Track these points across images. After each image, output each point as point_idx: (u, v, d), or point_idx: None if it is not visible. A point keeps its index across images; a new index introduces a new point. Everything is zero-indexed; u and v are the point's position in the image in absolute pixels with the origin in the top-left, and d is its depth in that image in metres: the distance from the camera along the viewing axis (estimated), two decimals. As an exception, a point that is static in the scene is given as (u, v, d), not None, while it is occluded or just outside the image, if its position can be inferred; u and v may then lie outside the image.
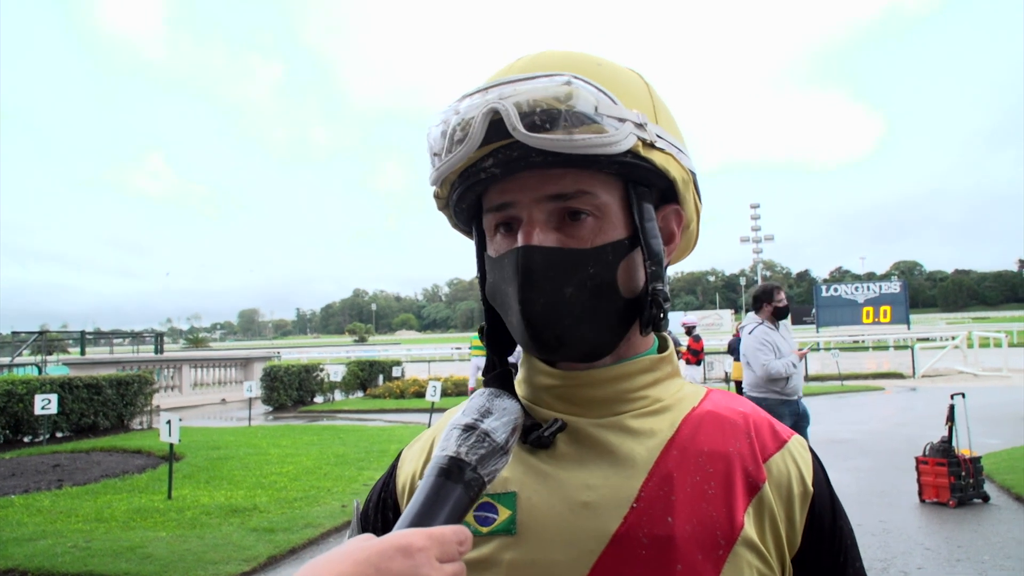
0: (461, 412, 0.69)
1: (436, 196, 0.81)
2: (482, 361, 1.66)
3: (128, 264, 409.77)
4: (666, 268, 0.80)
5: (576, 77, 0.68)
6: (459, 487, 0.62)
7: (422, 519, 0.60)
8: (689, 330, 14.00)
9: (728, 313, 80.00)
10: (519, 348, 0.84)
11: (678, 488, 0.72)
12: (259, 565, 5.27)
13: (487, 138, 0.69)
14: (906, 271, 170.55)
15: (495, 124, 0.68)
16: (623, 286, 0.74)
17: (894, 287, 39.91)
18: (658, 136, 0.73)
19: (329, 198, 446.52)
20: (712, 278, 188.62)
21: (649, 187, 0.75)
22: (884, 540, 5.59)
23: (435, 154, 0.75)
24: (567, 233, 0.72)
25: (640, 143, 0.71)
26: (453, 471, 0.63)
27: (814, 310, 44.47)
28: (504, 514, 0.73)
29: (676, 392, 0.81)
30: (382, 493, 0.87)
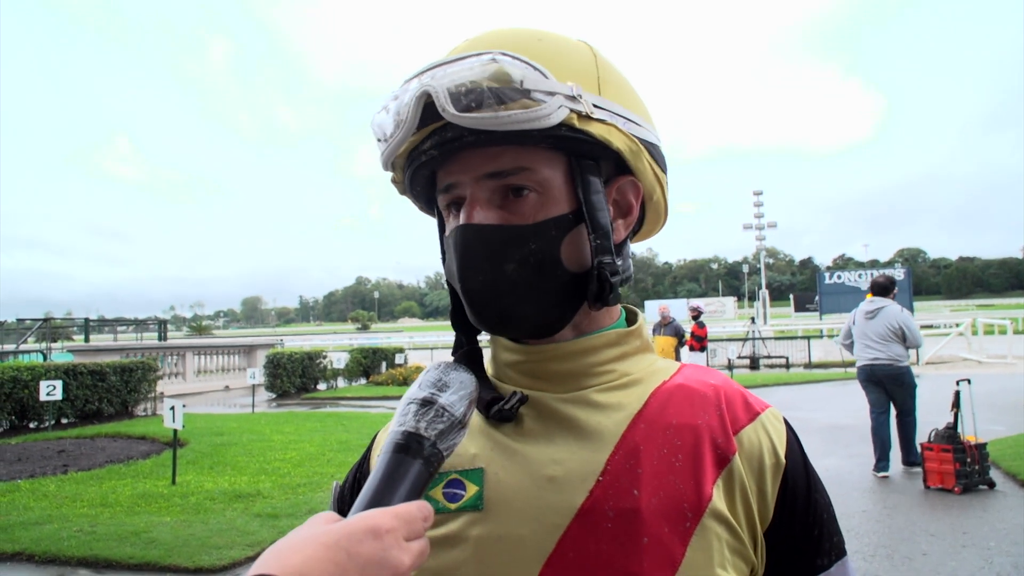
0: (416, 386, 0.69)
1: (394, 181, 0.82)
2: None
3: (115, 251, 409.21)
4: (626, 241, 0.81)
5: (504, 54, 0.68)
6: (418, 462, 0.62)
7: (382, 495, 0.59)
8: (696, 315, 13.95)
9: (731, 300, 79.88)
10: None
11: (644, 461, 0.71)
12: (263, 550, 5.26)
13: (424, 121, 0.70)
14: (910, 258, 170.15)
15: (429, 107, 0.69)
16: (569, 261, 0.73)
17: (898, 274, 39.79)
18: (596, 107, 0.72)
19: (311, 183, 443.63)
20: (715, 265, 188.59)
21: (595, 160, 0.74)
22: (889, 526, 5.58)
23: (379, 140, 0.76)
24: (509, 210, 0.72)
25: (574, 115, 0.70)
26: (412, 446, 0.62)
27: (817, 297, 44.37)
28: (472, 490, 0.73)
29: (647, 367, 0.80)
30: (357, 473, 0.88)
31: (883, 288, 7.43)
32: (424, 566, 0.70)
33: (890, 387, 7.27)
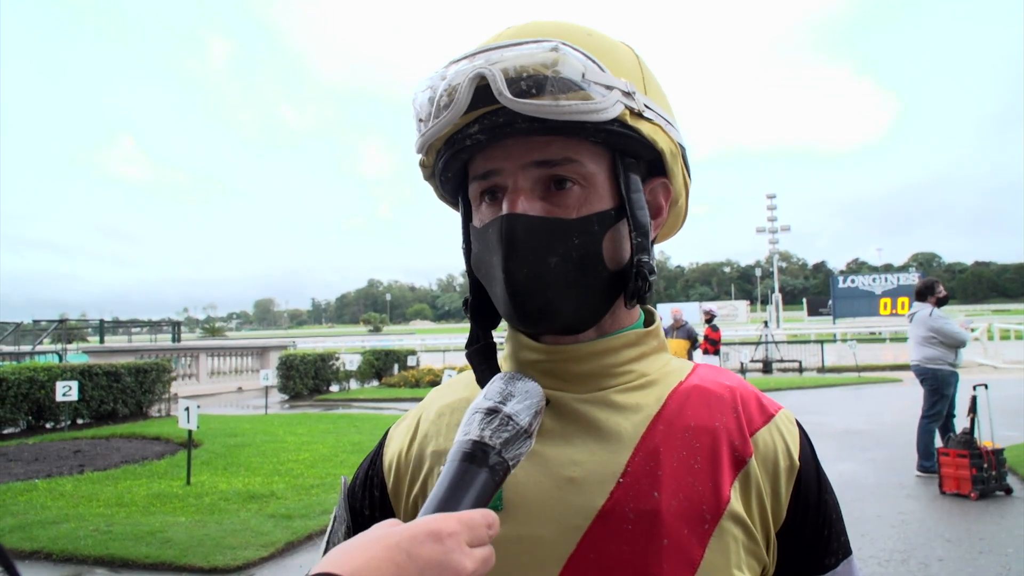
0: (482, 396, 0.68)
1: (422, 165, 0.81)
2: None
3: (124, 252, 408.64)
4: (653, 242, 0.80)
5: (564, 43, 0.67)
6: (484, 471, 0.61)
7: (448, 503, 0.59)
8: (709, 319, 13.91)
9: (744, 304, 79.36)
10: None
11: (664, 463, 0.71)
12: (277, 551, 5.31)
13: (473, 104, 0.68)
14: (924, 263, 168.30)
15: (481, 90, 0.67)
16: (608, 257, 0.73)
17: (912, 279, 39.51)
18: (646, 106, 0.73)
19: (317, 183, 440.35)
20: (727, 269, 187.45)
21: (636, 158, 0.75)
22: (904, 532, 5.53)
23: (421, 120, 0.74)
24: (553, 202, 0.71)
25: (627, 112, 0.70)
26: (477, 455, 0.62)
27: (831, 301, 44.11)
28: None
29: (662, 367, 0.80)
30: (369, 471, 0.87)
31: (919, 293, 7.67)
32: None
33: (922, 388, 7.49)
